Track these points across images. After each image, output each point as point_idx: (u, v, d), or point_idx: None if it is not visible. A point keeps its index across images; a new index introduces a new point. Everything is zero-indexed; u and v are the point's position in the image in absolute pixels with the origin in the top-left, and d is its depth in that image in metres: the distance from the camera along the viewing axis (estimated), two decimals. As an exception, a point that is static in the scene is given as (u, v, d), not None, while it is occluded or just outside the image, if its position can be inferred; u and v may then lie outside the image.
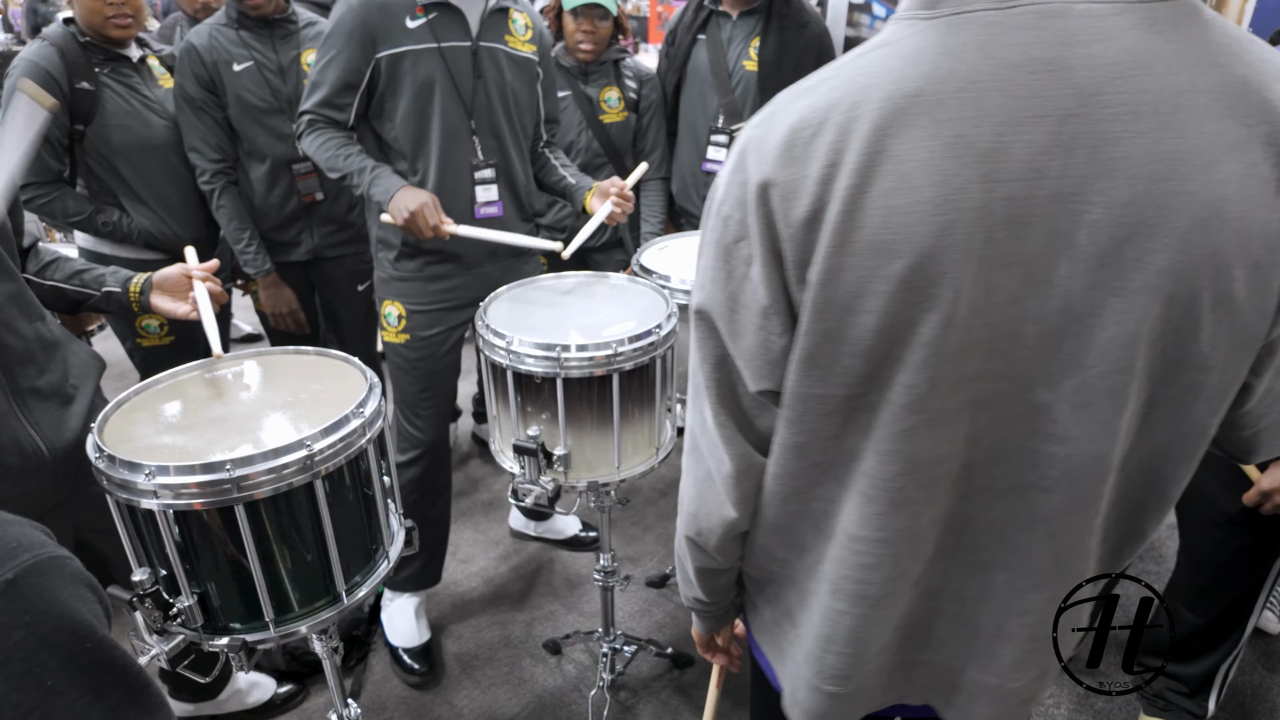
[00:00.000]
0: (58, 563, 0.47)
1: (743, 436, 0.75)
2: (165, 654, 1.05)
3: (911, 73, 0.58)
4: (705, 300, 0.71)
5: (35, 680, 0.43)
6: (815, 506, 0.75)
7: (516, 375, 1.42)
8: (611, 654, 1.91)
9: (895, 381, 0.64)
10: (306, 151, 1.73)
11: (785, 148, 0.61)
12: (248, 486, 1.02)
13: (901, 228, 0.58)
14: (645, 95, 2.38)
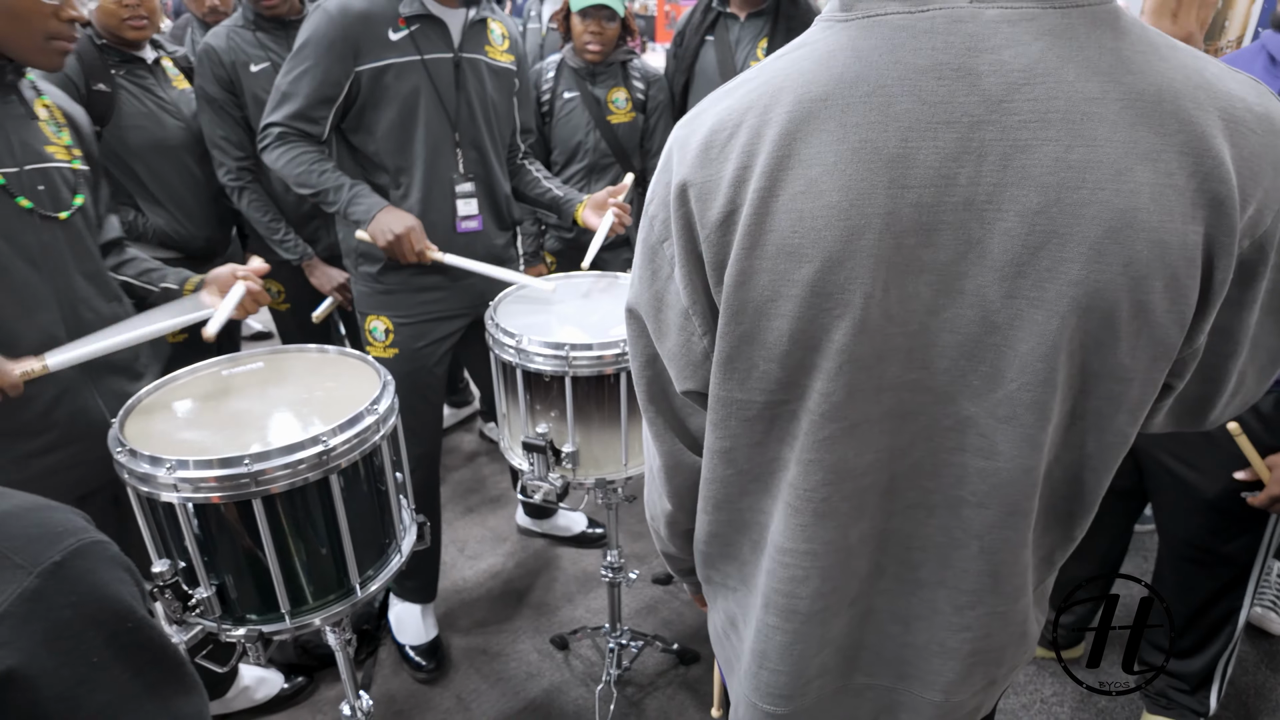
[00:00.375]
0: (99, 546, 0.49)
1: (672, 433, 0.77)
2: (184, 644, 1.08)
3: (822, 75, 0.58)
4: (634, 299, 0.72)
5: (83, 656, 0.45)
6: (747, 517, 0.75)
7: (526, 373, 1.44)
8: (618, 649, 1.93)
9: (812, 388, 0.63)
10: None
11: (704, 149, 0.62)
12: (265, 480, 1.04)
13: (810, 232, 0.58)
14: (653, 96, 2.40)
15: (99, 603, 0.47)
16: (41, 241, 1.23)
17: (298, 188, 1.66)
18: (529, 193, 1.99)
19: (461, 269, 1.68)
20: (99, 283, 1.34)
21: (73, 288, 1.28)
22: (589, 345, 1.39)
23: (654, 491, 0.84)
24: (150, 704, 0.49)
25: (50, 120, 1.31)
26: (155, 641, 0.50)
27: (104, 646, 0.46)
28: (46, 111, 1.31)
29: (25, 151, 1.23)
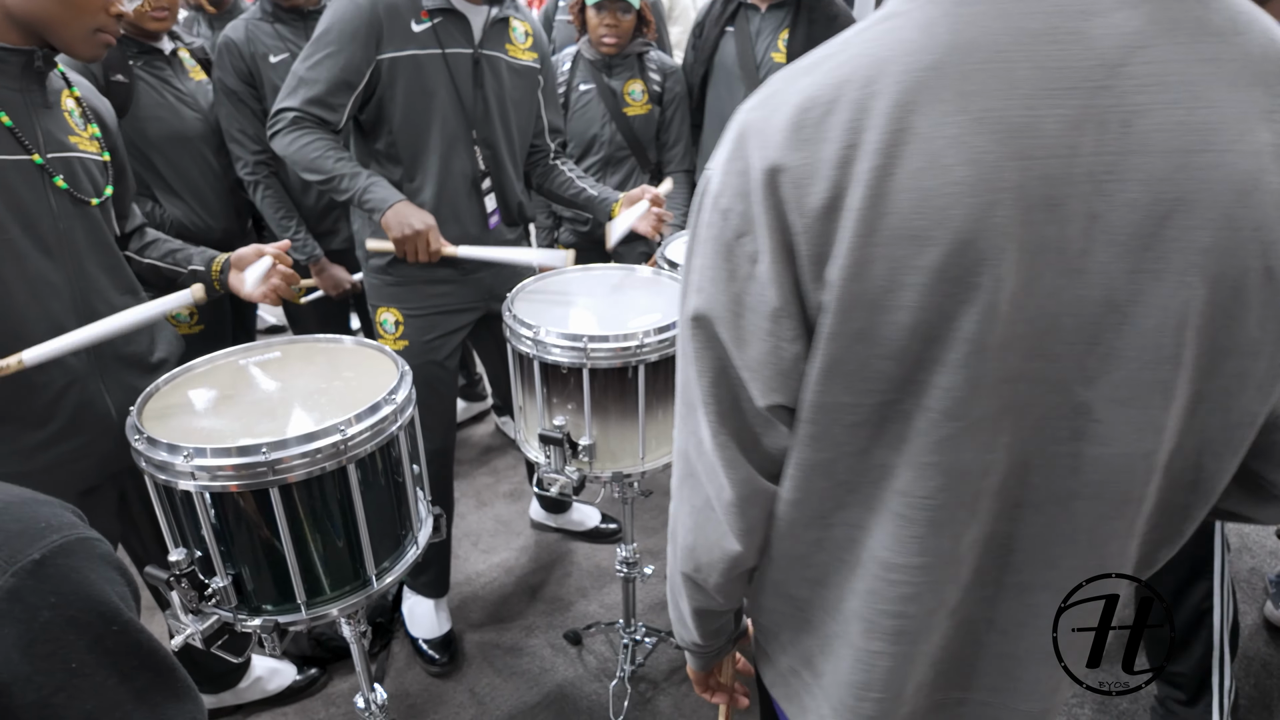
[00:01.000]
0: (87, 544, 0.47)
1: (745, 459, 0.67)
2: (200, 633, 1.07)
3: (930, 43, 0.54)
4: (704, 304, 0.63)
5: (61, 661, 0.42)
6: (838, 533, 0.68)
7: (543, 365, 1.42)
8: (632, 645, 1.92)
9: (932, 385, 0.58)
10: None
11: (793, 129, 0.56)
12: (282, 470, 1.03)
13: (935, 212, 0.53)
14: (669, 88, 2.38)
15: (82, 604, 0.44)
16: (58, 229, 1.22)
17: (307, 173, 1.63)
18: (563, 193, 1.96)
19: (475, 259, 1.66)
20: (114, 274, 1.33)
21: (86, 277, 1.27)
22: (607, 337, 1.37)
23: (714, 534, 0.70)
24: (139, 712, 0.46)
25: (76, 112, 1.31)
26: (144, 645, 0.47)
27: (87, 651, 0.44)
28: (74, 103, 1.31)
29: (49, 140, 1.22)
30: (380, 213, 1.60)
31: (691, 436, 0.69)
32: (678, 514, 0.75)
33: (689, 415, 0.69)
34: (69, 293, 1.25)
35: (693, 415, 0.68)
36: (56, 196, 1.22)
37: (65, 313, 1.24)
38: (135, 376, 1.34)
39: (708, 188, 0.63)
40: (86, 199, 1.26)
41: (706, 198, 0.63)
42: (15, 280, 1.17)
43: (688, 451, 0.70)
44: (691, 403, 0.67)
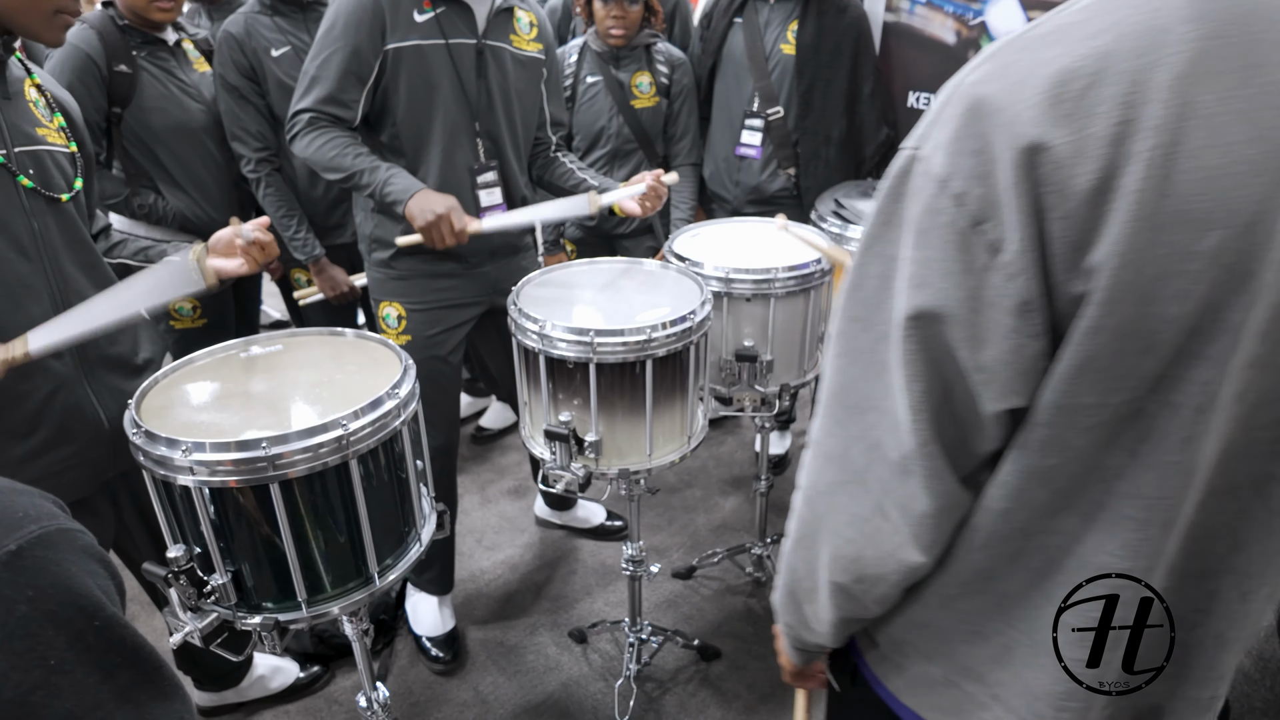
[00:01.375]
0: (67, 535, 0.44)
1: (950, 469, 0.61)
2: (199, 631, 1.05)
3: (1206, 10, 0.50)
4: (929, 301, 0.56)
5: (39, 658, 0.40)
6: (1044, 542, 0.63)
7: (549, 360, 1.40)
8: (638, 644, 1.90)
9: (1187, 380, 0.53)
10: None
11: (1051, 104, 0.50)
12: (283, 465, 1.01)
13: (1219, 193, 0.49)
14: (677, 80, 2.35)
15: (61, 597, 0.42)
16: (33, 229, 1.17)
17: (328, 173, 1.61)
18: (564, 184, 1.93)
19: (501, 228, 1.63)
20: (94, 274, 1.28)
21: (65, 278, 1.22)
22: (614, 331, 1.35)
23: (890, 544, 0.64)
24: (122, 711, 0.43)
25: (40, 102, 1.25)
26: (128, 642, 0.45)
27: (66, 647, 0.41)
28: (36, 92, 1.25)
29: (15, 133, 1.17)
30: (403, 204, 1.57)
31: (860, 442, 0.63)
32: (825, 521, 0.69)
33: (856, 419, 0.63)
34: (48, 295, 1.20)
35: (870, 420, 0.62)
36: (27, 195, 1.17)
37: (45, 315, 1.18)
38: (121, 379, 1.31)
39: (923, 171, 0.56)
40: (57, 196, 1.21)
41: (924, 182, 0.56)
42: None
43: (850, 457, 0.65)
44: (875, 408, 0.61)
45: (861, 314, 0.62)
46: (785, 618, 0.80)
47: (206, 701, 1.86)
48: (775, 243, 1.84)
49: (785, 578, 0.76)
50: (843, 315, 0.63)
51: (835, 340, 0.64)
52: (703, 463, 2.88)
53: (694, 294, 1.52)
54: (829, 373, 0.66)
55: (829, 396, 0.66)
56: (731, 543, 2.40)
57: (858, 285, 0.62)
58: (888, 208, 0.59)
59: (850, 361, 0.63)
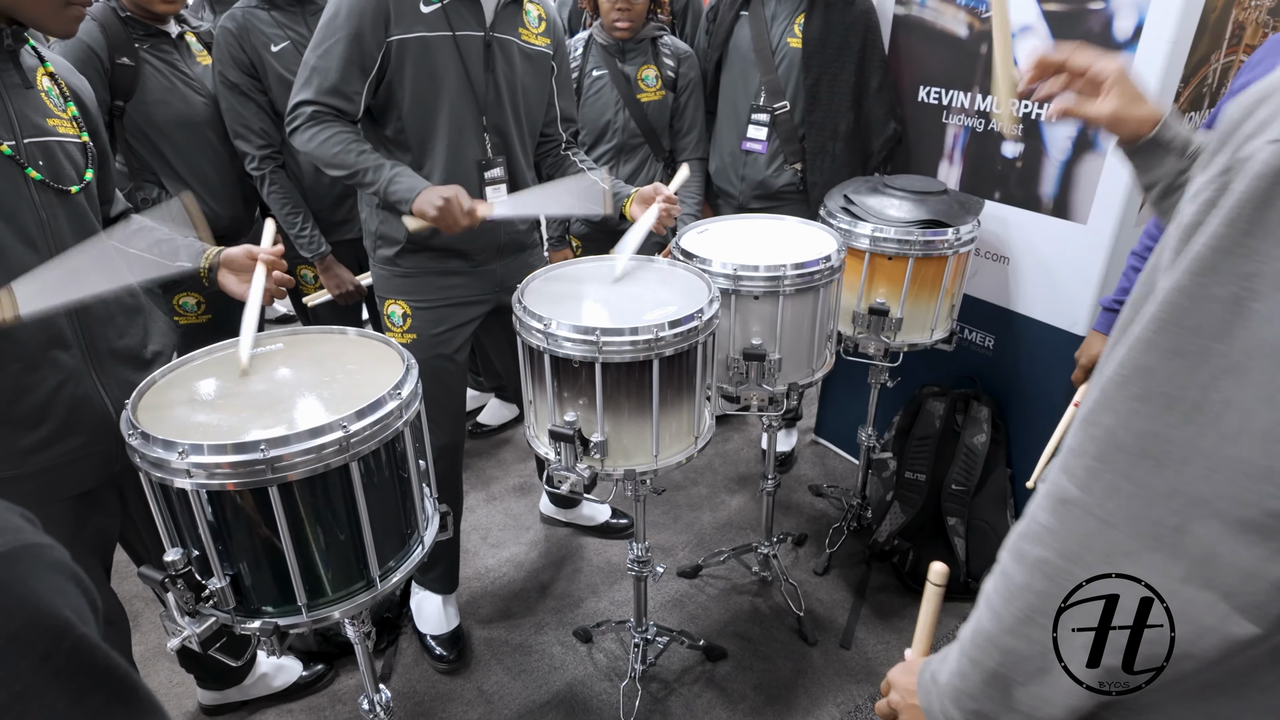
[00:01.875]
0: (34, 551, 0.42)
1: None
2: (197, 636, 1.04)
3: None
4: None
5: (3, 683, 0.38)
6: None
7: (554, 359, 1.38)
8: (644, 644, 1.88)
9: None
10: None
11: None
12: (282, 468, 0.99)
13: None
14: (683, 74, 2.32)
15: (28, 619, 0.40)
16: (41, 220, 1.17)
17: (331, 169, 1.58)
18: None
19: (514, 216, 1.58)
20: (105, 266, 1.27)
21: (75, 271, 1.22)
22: (620, 330, 1.32)
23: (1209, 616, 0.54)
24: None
25: (54, 91, 1.25)
26: (100, 663, 0.42)
27: (33, 670, 0.39)
28: (50, 81, 1.24)
29: (25, 124, 1.16)
30: (409, 203, 1.54)
31: (1172, 500, 0.53)
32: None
33: (1166, 472, 0.53)
34: None
35: (1193, 473, 0.52)
36: (36, 187, 1.16)
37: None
38: (130, 371, 1.30)
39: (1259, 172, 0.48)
40: (66, 187, 1.20)
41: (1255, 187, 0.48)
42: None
43: (1149, 517, 0.54)
44: (1205, 456, 0.51)
45: (1191, 346, 0.51)
46: (974, 704, 0.65)
47: (209, 700, 1.85)
48: (783, 240, 1.81)
49: (988, 660, 0.63)
50: (1149, 350, 0.53)
51: (1134, 379, 0.54)
52: (708, 460, 2.86)
53: (701, 292, 1.50)
54: (1113, 420, 0.55)
55: (1113, 449, 0.55)
56: (738, 541, 2.38)
57: (1186, 313, 0.51)
58: (1251, 214, 0.49)
59: (1162, 406, 0.52)
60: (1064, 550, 0.57)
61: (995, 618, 0.63)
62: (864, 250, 1.90)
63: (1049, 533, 0.58)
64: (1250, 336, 0.49)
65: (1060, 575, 0.58)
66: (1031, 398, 2.21)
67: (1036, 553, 0.59)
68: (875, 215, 1.92)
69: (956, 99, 2.17)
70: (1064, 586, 0.58)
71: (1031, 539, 0.60)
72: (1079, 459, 0.57)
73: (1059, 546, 0.58)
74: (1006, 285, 2.20)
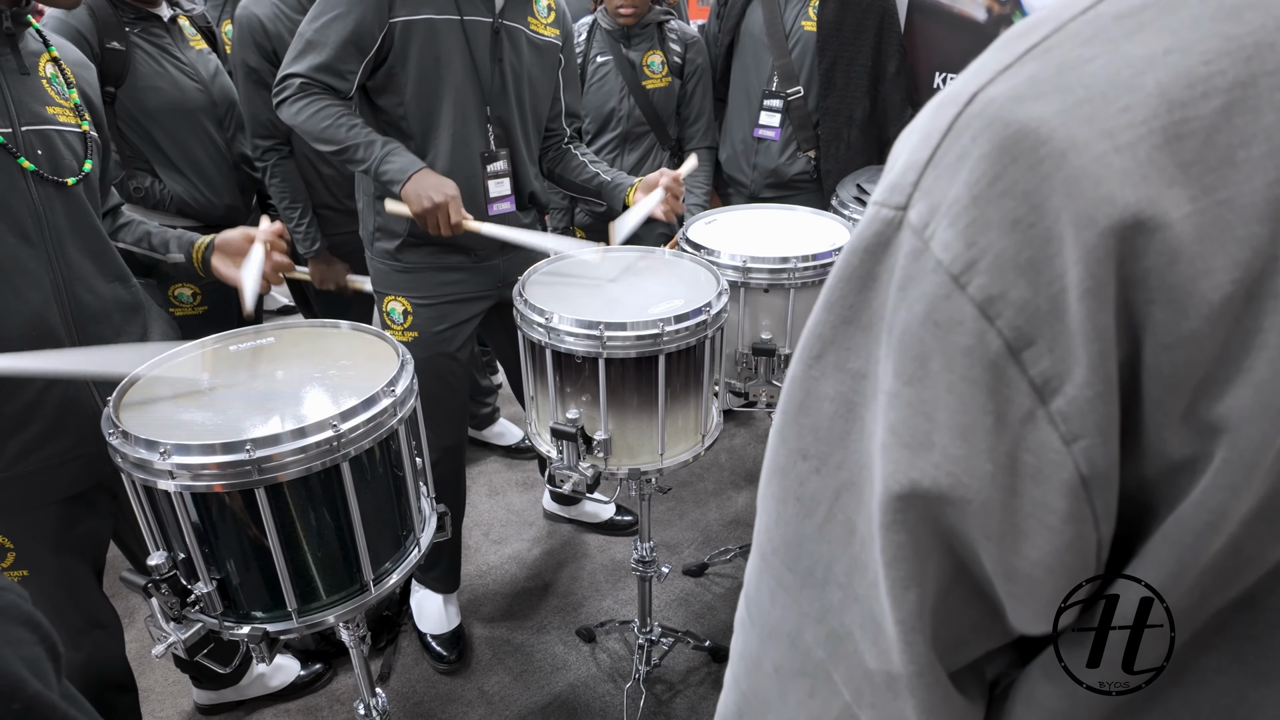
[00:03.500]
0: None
1: (959, 694, 0.44)
2: (183, 642, 0.99)
3: None
4: (939, 475, 0.35)
5: None
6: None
7: (556, 354, 1.33)
8: (648, 646, 1.84)
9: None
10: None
11: (1165, 143, 0.30)
12: (270, 468, 0.95)
13: None
14: (690, 60, 2.25)
15: None
16: (36, 212, 1.13)
17: (319, 143, 1.52)
18: (575, 179, 1.85)
19: (497, 238, 1.54)
20: (101, 260, 1.24)
21: (69, 264, 1.18)
22: (624, 325, 1.27)
23: None
24: None
25: (57, 78, 1.21)
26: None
27: None
28: (54, 67, 1.21)
29: (23, 111, 1.12)
30: (400, 184, 1.49)
31: (819, 626, 0.43)
32: (772, 710, 0.48)
33: (811, 592, 0.43)
34: (49, 281, 1.16)
35: (833, 599, 0.42)
36: (30, 177, 1.12)
37: (45, 301, 1.16)
38: None
39: (916, 249, 0.34)
40: (63, 179, 1.16)
41: (920, 268, 0.34)
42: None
43: (804, 641, 0.44)
44: (840, 586, 0.42)
45: (813, 449, 0.41)
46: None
47: (205, 699, 1.82)
48: (794, 231, 1.75)
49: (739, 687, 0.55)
50: (781, 445, 0.43)
51: (774, 477, 0.44)
52: (715, 456, 2.81)
53: (709, 285, 1.44)
54: (765, 518, 0.45)
55: (769, 550, 0.45)
56: (745, 539, 2.33)
57: (803, 408, 0.41)
58: (850, 298, 0.37)
59: (800, 511, 0.42)
60: (750, 652, 0.49)
61: (722, 706, 0.55)
62: (877, 242, 1.84)
63: (742, 625, 0.50)
64: (862, 451, 0.38)
65: (752, 676, 0.49)
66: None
67: (738, 645, 0.51)
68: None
69: (974, 85, 2.10)
70: (756, 690, 0.49)
71: (737, 628, 0.51)
72: (752, 554, 0.48)
73: (747, 645, 0.50)
74: (1024, 278, 2.14)
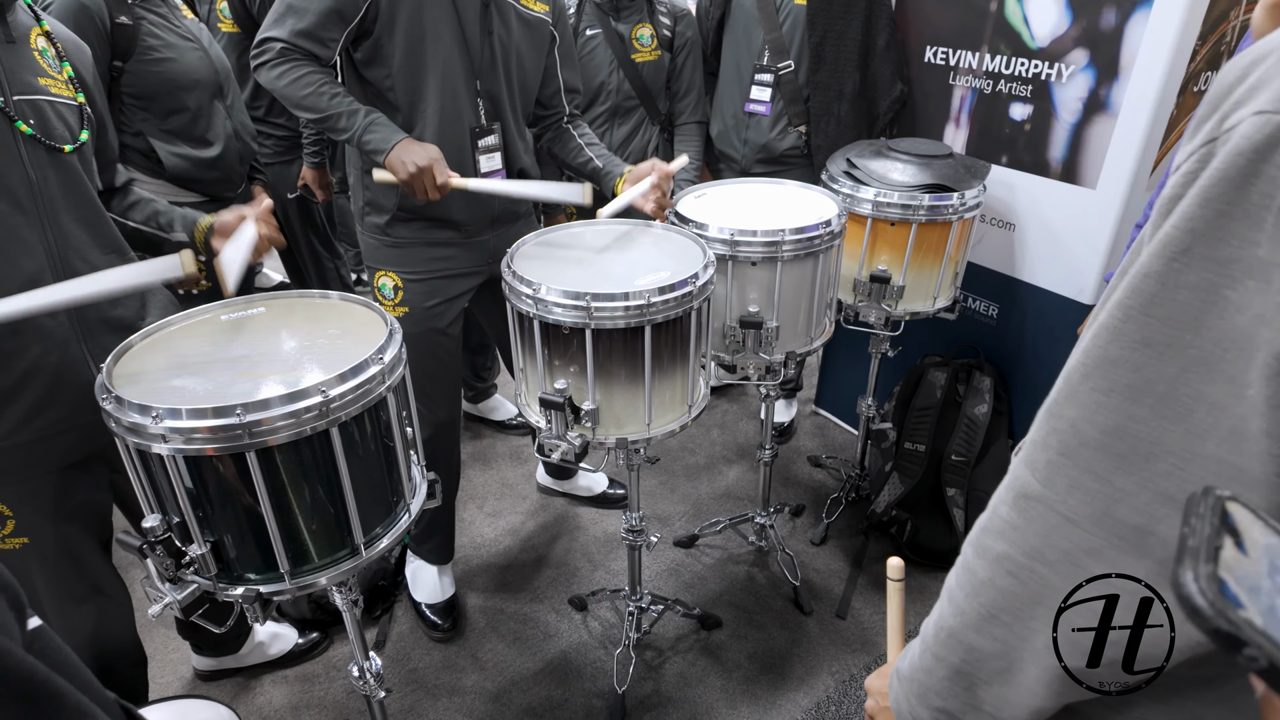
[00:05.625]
0: None
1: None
2: (178, 602, 1.02)
3: None
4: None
5: None
6: None
7: (544, 325, 1.34)
8: (638, 613, 1.87)
9: None
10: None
11: None
12: (260, 433, 0.97)
13: None
14: (680, 33, 2.24)
15: None
16: (29, 180, 1.14)
17: (299, 111, 1.52)
18: (570, 160, 1.85)
19: (486, 192, 1.55)
20: (95, 231, 1.25)
21: (64, 234, 1.19)
22: (612, 295, 1.29)
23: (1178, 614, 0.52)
24: None
25: (49, 52, 1.21)
26: (13, 671, 0.39)
27: None
28: (46, 41, 1.21)
29: (13, 80, 1.13)
30: (383, 154, 1.50)
31: (1137, 496, 0.49)
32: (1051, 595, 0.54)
33: (1133, 468, 0.49)
34: (43, 249, 1.17)
35: (1162, 469, 0.48)
36: (26, 143, 1.13)
37: (40, 271, 1.17)
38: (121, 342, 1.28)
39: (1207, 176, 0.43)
40: (59, 146, 1.17)
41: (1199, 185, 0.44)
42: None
43: (1116, 515, 0.50)
44: (1173, 453, 0.48)
45: (1159, 336, 0.47)
46: (939, 701, 0.63)
47: (205, 666, 1.86)
48: (783, 204, 1.77)
49: (951, 657, 0.61)
50: (1115, 339, 0.49)
51: (1097, 371, 0.50)
52: (707, 431, 2.84)
53: (696, 257, 1.46)
54: (1076, 413, 0.51)
55: (1076, 444, 0.51)
56: (735, 511, 2.37)
57: (1156, 300, 0.47)
58: (1229, 194, 0.44)
59: (1129, 398, 0.48)
60: (1026, 547, 0.54)
61: (958, 613, 0.60)
62: (866, 216, 1.86)
63: (1011, 528, 0.55)
64: (1223, 327, 0.45)
65: (1023, 572, 0.55)
66: (1035, 368, 2.17)
67: (999, 548, 0.56)
68: (878, 179, 1.86)
69: (964, 59, 2.10)
70: (1027, 584, 0.55)
71: (994, 534, 0.57)
72: (1042, 452, 0.53)
73: (1021, 543, 0.55)
74: (1012, 252, 2.16)
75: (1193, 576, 0.28)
